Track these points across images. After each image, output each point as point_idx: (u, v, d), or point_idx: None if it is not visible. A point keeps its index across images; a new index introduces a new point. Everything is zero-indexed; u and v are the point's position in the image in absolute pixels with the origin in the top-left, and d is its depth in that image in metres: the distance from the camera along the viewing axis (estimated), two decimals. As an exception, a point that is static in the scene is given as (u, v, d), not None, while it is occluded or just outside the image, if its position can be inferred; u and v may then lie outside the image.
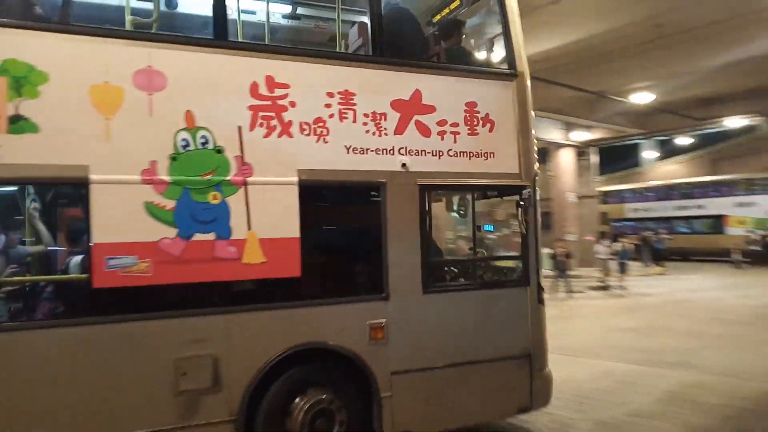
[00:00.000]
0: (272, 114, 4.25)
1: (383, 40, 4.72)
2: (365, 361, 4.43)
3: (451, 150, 4.91)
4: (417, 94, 4.79)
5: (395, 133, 4.68)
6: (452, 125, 4.93)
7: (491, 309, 5.02)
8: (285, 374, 4.22)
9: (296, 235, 4.24)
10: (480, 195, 5.55)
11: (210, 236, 3.99)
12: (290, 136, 4.29)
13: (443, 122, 4.89)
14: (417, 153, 4.75)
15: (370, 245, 4.60)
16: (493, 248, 6.32)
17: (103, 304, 3.77)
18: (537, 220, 5.27)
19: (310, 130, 4.36)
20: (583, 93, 20.33)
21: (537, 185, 5.27)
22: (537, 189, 5.27)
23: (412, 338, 4.62)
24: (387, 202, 4.59)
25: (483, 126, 5.06)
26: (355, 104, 4.53)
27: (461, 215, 6.43)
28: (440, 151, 4.86)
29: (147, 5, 5.07)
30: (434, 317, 4.74)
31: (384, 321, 4.51)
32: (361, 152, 4.54)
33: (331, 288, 4.51)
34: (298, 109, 4.33)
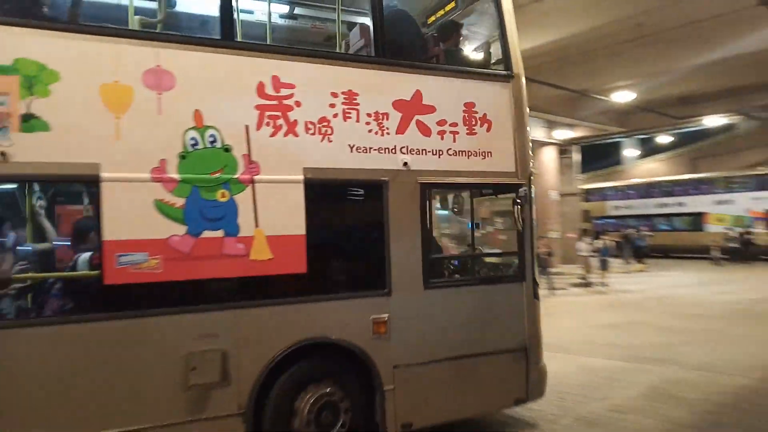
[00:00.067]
0: (278, 113, 4.32)
1: (385, 42, 4.82)
2: (369, 355, 4.54)
3: (451, 149, 5.03)
4: (418, 95, 4.89)
5: (397, 133, 4.78)
6: (451, 125, 5.04)
7: (489, 304, 5.15)
8: (291, 368, 4.30)
9: (302, 232, 4.32)
10: (476, 193, 5.70)
11: (218, 233, 4.06)
12: (296, 135, 4.37)
13: (443, 122, 5.00)
14: (418, 152, 4.86)
15: (373, 242, 4.70)
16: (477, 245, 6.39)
17: (114, 301, 3.81)
18: (533, 218, 5.42)
19: (315, 130, 4.44)
20: (566, 91, 20.54)
21: (532, 184, 5.43)
22: (533, 187, 5.42)
23: (414, 332, 4.73)
24: (389, 200, 4.70)
25: (481, 126, 5.19)
26: (359, 104, 4.62)
27: (455, 213, 6.58)
28: (440, 150, 4.97)
29: (148, 4, 5.12)
30: (434, 312, 4.85)
31: (387, 316, 4.61)
32: (365, 151, 4.63)
33: (336, 284, 4.60)
34: (304, 109, 4.40)
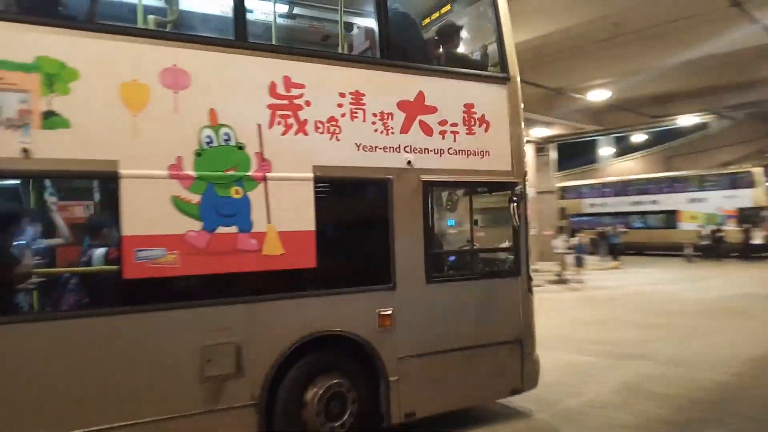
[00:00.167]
0: (289, 112, 4.45)
1: (390, 44, 4.97)
2: (374, 347, 4.70)
3: (451, 148, 5.22)
4: (420, 96, 5.07)
5: (401, 132, 4.95)
6: (452, 125, 5.23)
7: (487, 297, 5.37)
8: (301, 360, 4.45)
9: (312, 228, 4.47)
10: (471, 191, 5.90)
11: (232, 229, 4.18)
12: (306, 134, 4.51)
13: (444, 122, 5.19)
14: (420, 151, 5.04)
15: (379, 238, 4.86)
16: (456, 242, 6.58)
17: (133, 295, 3.90)
18: (527, 215, 5.65)
19: (324, 129, 4.59)
20: (543, 89, 20.76)
21: (527, 182, 5.65)
22: (527, 185, 5.65)
23: (417, 325, 4.92)
24: (394, 197, 4.87)
25: (479, 126, 5.39)
26: (365, 104, 4.78)
27: (449, 210, 6.77)
28: (441, 150, 5.16)
29: (152, 2, 5.17)
30: (436, 305, 5.04)
31: (391, 309, 4.78)
32: (371, 150, 4.79)
33: (344, 278, 4.74)
34: (313, 108, 4.54)
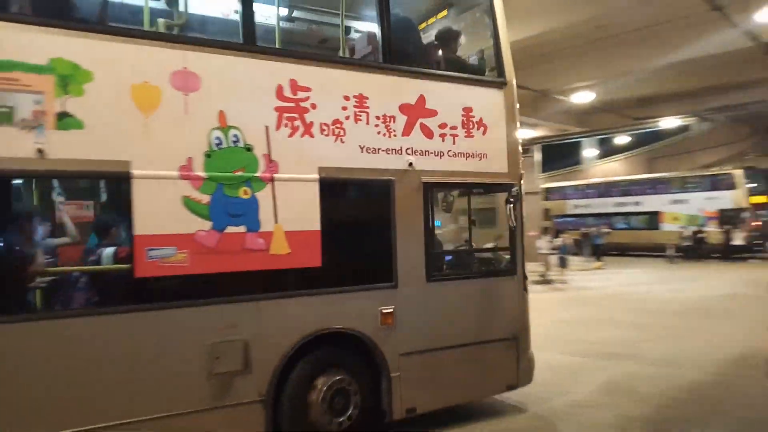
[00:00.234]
0: (296, 115, 4.55)
1: (392, 48, 5.09)
2: (377, 344, 4.83)
3: (451, 151, 5.36)
4: (421, 99, 5.20)
5: (403, 135, 5.08)
6: (451, 128, 5.37)
7: (484, 296, 5.52)
8: (306, 357, 4.55)
9: (317, 228, 4.58)
10: (468, 192, 6.03)
11: (241, 229, 4.28)
12: (311, 136, 4.61)
13: (444, 125, 5.33)
14: (421, 153, 5.17)
15: (381, 237, 4.98)
16: (453, 242, 6.72)
17: (145, 293, 3.98)
18: (522, 216, 5.81)
19: (329, 131, 4.70)
20: (527, 91, 20.96)
21: (522, 183, 5.81)
22: (522, 186, 5.81)
23: (417, 322, 5.05)
24: (396, 198, 5.00)
25: (477, 129, 5.54)
26: (368, 107, 4.89)
27: (444, 211, 6.90)
28: (441, 152, 5.30)
29: (159, 6, 5.24)
30: (436, 303, 5.18)
31: (393, 307, 4.91)
32: (374, 152, 4.91)
33: (348, 277, 4.84)
34: (319, 111, 4.65)
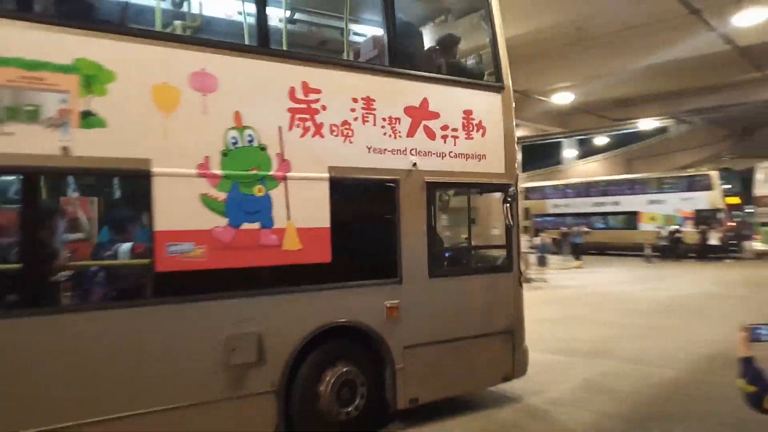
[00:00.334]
0: (307, 116, 4.72)
1: (398, 52, 5.28)
2: (383, 337, 5.02)
3: (452, 152, 5.57)
4: (425, 102, 5.40)
5: (407, 136, 5.28)
6: (453, 130, 5.59)
7: (483, 291, 5.76)
8: (316, 349, 4.72)
9: (327, 225, 4.75)
10: (467, 191, 6.26)
11: (255, 225, 4.43)
12: (322, 137, 4.78)
13: (445, 127, 5.54)
14: (424, 154, 5.37)
15: (387, 234, 5.18)
16: (453, 240, 6.94)
17: (165, 287, 4.11)
18: (518, 215, 6.05)
19: (339, 132, 4.87)
20: (508, 91, 21.40)
21: (518, 184, 6.06)
22: (518, 186, 6.05)
23: (420, 316, 5.25)
24: (400, 197, 5.19)
25: (477, 131, 5.76)
26: (375, 109, 5.08)
27: (440, 209, 7.13)
28: (443, 153, 5.51)
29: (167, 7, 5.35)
30: (438, 298, 5.39)
31: (398, 302, 5.10)
32: (380, 152, 5.10)
33: (356, 272, 5.01)
34: (329, 113, 4.82)
